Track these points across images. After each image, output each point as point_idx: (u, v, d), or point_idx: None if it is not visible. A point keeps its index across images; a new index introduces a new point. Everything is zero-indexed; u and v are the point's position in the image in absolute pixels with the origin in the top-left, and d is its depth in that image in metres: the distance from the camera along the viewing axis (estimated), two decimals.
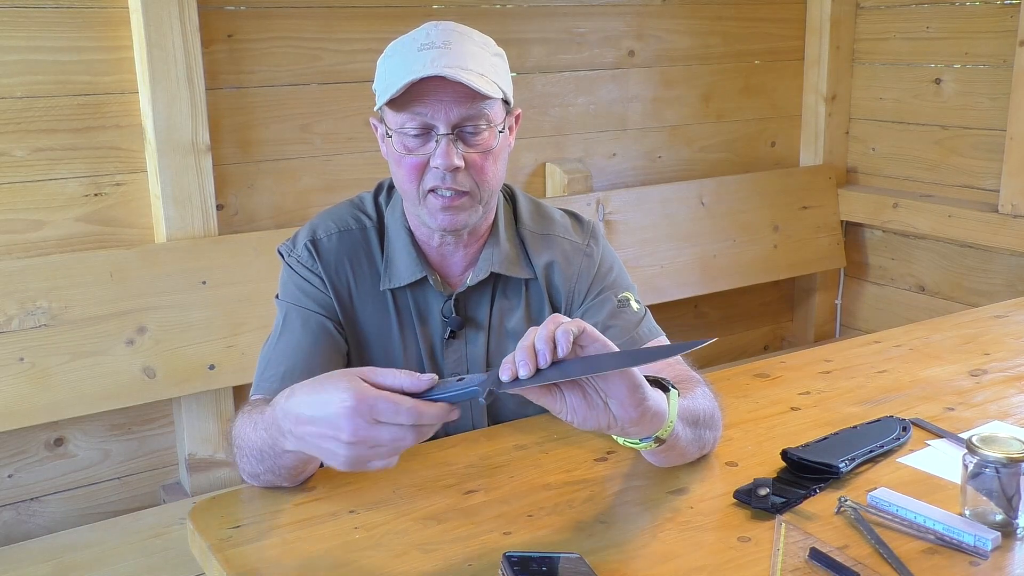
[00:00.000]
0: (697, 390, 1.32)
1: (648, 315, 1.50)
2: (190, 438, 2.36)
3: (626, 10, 2.95)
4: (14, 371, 2.08)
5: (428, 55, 1.30)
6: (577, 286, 1.49)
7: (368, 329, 1.44)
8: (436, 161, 1.31)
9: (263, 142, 2.45)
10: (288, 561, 1.11)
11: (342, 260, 1.44)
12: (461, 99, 1.30)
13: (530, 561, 1.05)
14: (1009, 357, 1.74)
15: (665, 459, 1.28)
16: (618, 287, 1.50)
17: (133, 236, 2.31)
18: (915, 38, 3.15)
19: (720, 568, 1.08)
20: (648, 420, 1.12)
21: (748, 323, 3.49)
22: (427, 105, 1.30)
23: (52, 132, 2.19)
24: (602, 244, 1.53)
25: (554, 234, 1.50)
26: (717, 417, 1.33)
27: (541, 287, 1.48)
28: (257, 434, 1.18)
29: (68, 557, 2.05)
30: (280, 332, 1.41)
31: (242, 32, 2.37)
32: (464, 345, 1.46)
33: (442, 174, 1.32)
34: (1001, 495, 1.12)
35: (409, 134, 1.33)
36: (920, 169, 3.21)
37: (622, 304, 1.47)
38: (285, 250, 1.47)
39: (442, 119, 1.31)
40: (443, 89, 1.30)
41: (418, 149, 1.33)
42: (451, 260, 1.46)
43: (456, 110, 1.30)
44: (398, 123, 1.33)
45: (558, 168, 2.86)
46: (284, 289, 1.45)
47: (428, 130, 1.32)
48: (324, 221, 1.47)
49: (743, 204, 3.16)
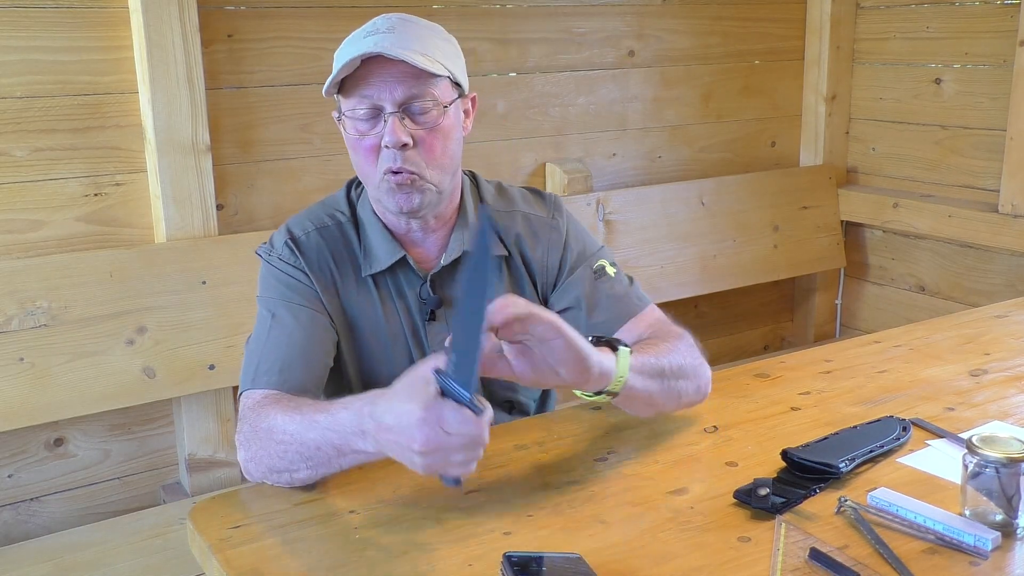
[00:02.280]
0: (669, 345, 1.39)
1: (629, 282, 1.54)
2: (190, 438, 2.36)
3: (626, 10, 2.95)
4: (14, 371, 2.08)
5: (372, 39, 1.35)
6: (549, 260, 1.54)
7: (355, 317, 1.48)
8: (385, 139, 1.35)
9: (263, 142, 2.45)
10: (288, 561, 1.11)
11: (322, 254, 1.47)
12: (405, 78, 1.34)
13: (530, 561, 1.05)
14: (1009, 357, 1.74)
15: (632, 408, 1.36)
16: (590, 255, 1.55)
17: (133, 236, 2.31)
18: (915, 38, 3.15)
19: (720, 568, 1.08)
20: (595, 379, 1.21)
21: (748, 323, 3.49)
22: (372, 86, 1.35)
23: (52, 132, 2.19)
24: (566, 215, 1.59)
25: (517, 210, 1.56)
26: (693, 367, 1.40)
27: (517, 262, 1.53)
28: (317, 433, 1.19)
29: (68, 557, 2.05)
30: (270, 327, 1.42)
31: (242, 32, 2.37)
32: (445, 326, 1.49)
33: (392, 153, 1.36)
34: (1001, 495, 1.12)
35: (360, 117, 1.37)
36: (920, 169, 3.21)
37: (598, 274, 1.53)
38: (264, 251, 1.50)
39: (387, 98, 1.35)
40: (387, 69, 1.34)
41: (369, 131, 1.38)
42: (423, 246, 1.50)
43: (400, 88, 1.35)
44: (348, 107, 1.38)
45: (558, 168, 2.86)
46: (266, 287, 1.47)
47: (377, 112, 1.36)
48: (299, 221, 1.51)
49: (743, 204, 3.16)
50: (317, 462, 1.21)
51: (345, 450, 1.18)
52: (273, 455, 1.24)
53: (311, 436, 1.20)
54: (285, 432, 1.23)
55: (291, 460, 1.23)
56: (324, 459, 1.21)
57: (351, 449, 1.17)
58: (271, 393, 1.33)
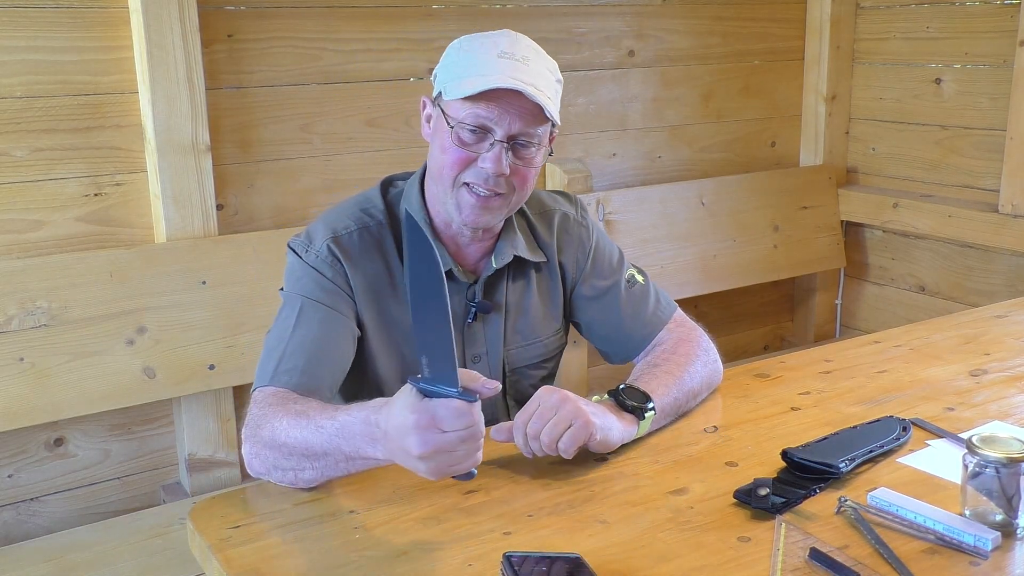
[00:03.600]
0: (688, 363, 1.49)
1: (653, 287, 1.63)
2: (190, 438, 2.36)
3: (626, 10, 2.95)
4: (14, 371, 2.08)
5: (506, 64, 1.37)
6: (580, 258, 1.61)
7: (391, 320, 1.48)
8: (486, 164, 1.39)
9: (263, 142, 2.45)
10: (288, 561, 1.11)
11: (363, 256, 1.46)
12: (525, 115, 1.39)
13: (530, 561, 1.05)
14: (1009, 357, 1.74)
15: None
16: (617, 264, 1.63)
17: (133, 236, 2.31)
18: (915, 38, 3.15)
19: (720, 568, 1.08)
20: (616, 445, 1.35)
21: (748, 323, 3.49)
22: (493, 111, 1.37)
23: (52, 132, 2.19)
24: (591, 215, 1.66)
25: (550, 208, 1.61)
26: (707, 379, 1.53)
27: (554, 265, 1.59)
28: (323, 437, 1.19)
29: (68, 557, 2.05)
30: (295, 325, 1.40)
31: (242, 32, 2.37)
32: (483, 327, 1.53)
33: (487, 175, 1.40)
34: (1001, 495, 1.12)
35: (467, 129, 1.39)
36: (920, 169, 3.21)
37: (631, 283, 1.61)
38: (300, 246, 1.47)
39: (503, 127, 1.38)
40: (511, 100, 1.37)
41: (471, 146, 1.40)
42: (467, 249, 1.52)
43: (518, 123, 1.39)
44: (459, 116, 1.39)
45: (558, 168, 2.86)
46: (296, 282, 1.45)
47: (485, 131, 1.39)
48: (340, 219, 1.49)
49: (743, 204, 3.16)
50: (324, 465, 1.22)
51: (354, 456, 1.18)
52: (279, 455, 1.24)
53: (318, 441, 1.20)
54: (290, 436, 1.22)
55: (296, 461, 1.23)
56: (331, 463, 1.21)
57: (361, 455, 1.18)
58: (285, 392, 1.33)
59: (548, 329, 1.60)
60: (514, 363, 1.57)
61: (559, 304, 1.60)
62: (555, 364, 1.65)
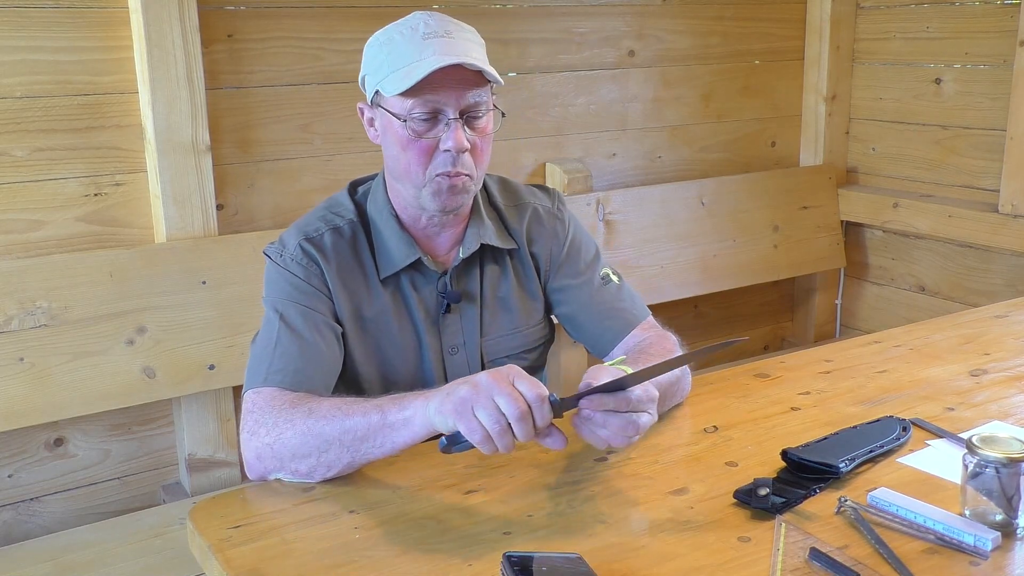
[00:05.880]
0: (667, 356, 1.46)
1: (628, 289, 1.63)
2: (190, 438, 2.36)
3: (626, 10, 2.95)
4: (14, 371, 2.08)
5: (434, 44, 1.37)
6: (554, 249, 1.60)
7: (369, 316, 1.49)
8: (448, 144, 1.38)
9: (263, 142, 2.45)
10: (288, 561, 1.11)
11: (336, 255, 1.47)
12: (469, 85, 1.38)
13: (530, 561, 1.05)
14: (1009, 357, 1.74)
15: None
16: (593, 260, 1.62)
17: (133, 236, 2.31)
18: (915, 38, 3.15)
19: (720, 568, 1.08)
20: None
21: (748, 323, 3.49)
22: (438, 92, 1.37)
23: (52, 132, 2.19)
24: (568, 209, 1.65)
25: (525, 201, 1.61)
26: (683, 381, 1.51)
27: (525, 254, 1.58)
28: (368, 419, 1.22)
29: (68, 557, 2.05)
30: (279, 330, 1.41)
31: (242, 32, 2.37)
32: (459, 318, 1.53)
33: (452, 157, 1.39)
34: (1001, 495, 1.12)
35: (418, 119, 1.39)
36: (920, 169, 3.21)
37: (605, 280, 1.61)
38: (274, 252, 1.49)
39: (452, 104, 1.38)
40: (452, 75, 1.36)
41: (427, 133, 1.39)
42: (436, 241, 1.52)
43: (465, 96, 1.38)
44: (406, 109, 1.39)
45: (558, 168, 2.86)
46: (275, 289, 1.47)
47: (436, 115, 1.39)
48: (310, 222, 1.51)
49: (743, 204, 3.16)
50: (352, 439, 1.23)
51: (390, 420, 1.21)
52: (308, 434, 1.25)
53: (353, 424, 1.23)
54: (327, 412, 1.25)
55: (325, 440, 1.24)
56: (360, 436, 1.23)
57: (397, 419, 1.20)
58: (280, 391, 1.33)
59: (528, 320, 1.59)
60: (493, 354, 1.56)
61: (538, 295, 1.60)
62: (538, 355, 1.64)
